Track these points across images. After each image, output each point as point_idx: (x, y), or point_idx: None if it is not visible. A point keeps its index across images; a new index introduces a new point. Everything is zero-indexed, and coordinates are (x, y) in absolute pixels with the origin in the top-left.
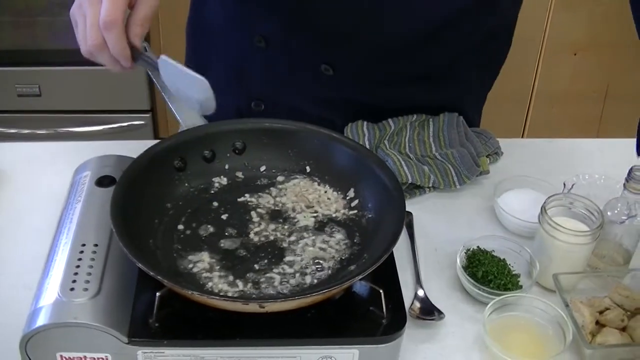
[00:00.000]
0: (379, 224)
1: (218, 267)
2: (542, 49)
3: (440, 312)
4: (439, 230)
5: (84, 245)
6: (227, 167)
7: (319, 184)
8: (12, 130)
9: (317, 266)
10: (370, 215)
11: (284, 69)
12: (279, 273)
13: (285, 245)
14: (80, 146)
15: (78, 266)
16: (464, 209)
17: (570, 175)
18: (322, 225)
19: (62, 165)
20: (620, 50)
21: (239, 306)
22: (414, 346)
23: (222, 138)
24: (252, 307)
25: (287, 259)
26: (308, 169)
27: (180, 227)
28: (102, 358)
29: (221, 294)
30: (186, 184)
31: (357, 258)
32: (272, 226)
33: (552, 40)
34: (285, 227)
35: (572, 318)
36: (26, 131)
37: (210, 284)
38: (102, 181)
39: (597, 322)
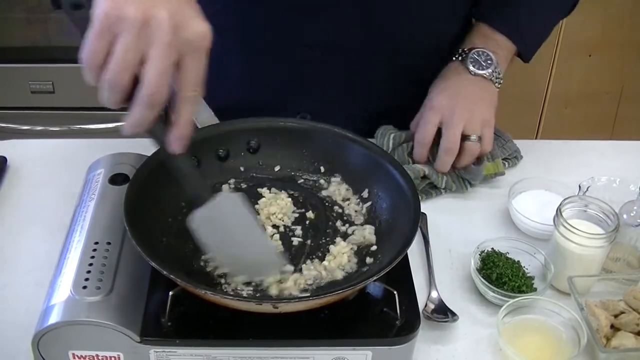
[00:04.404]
0: (394, 224)
1: None
2: (557, 50)
3: (453, 314)
4: (453, 232)
5: (96, 243)
6: (241, 167)
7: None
8: (26, 127)
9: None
10: (384, 216)
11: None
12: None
13: (299, 245)
14: (94, 143)
15: (91, 264)
16: (478, 211)
17: (584, 177)
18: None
19: (75, 163)
20: (634, 51)
21: (252, 306)
22: (427, 347)
23: (237, 137)
24: (266, 308)
25: (302, 259)
26: (322, 168)
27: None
28: (114, 357)
29: (234, 293)
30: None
31: (372, 259)
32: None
33: (567, 41)
34: (300, 227)
35: (587, 321)
36: (39, 128)
37: (223, 283)
38: (116, 179)
39: (612, 326)
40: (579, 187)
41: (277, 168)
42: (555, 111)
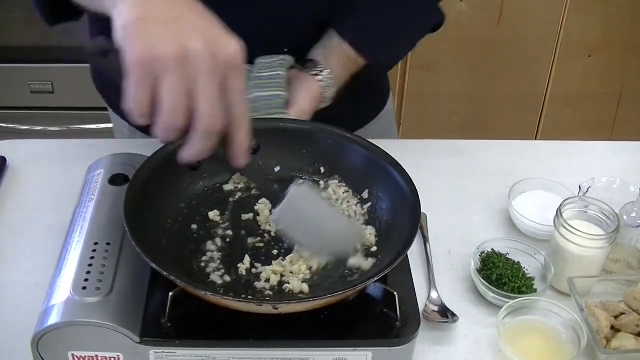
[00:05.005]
0: (394, 225)
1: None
2: (557, 50)
3: (454, 315)
4: (453, 232)
5: (96, 243)
6: None
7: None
8: (25, 127)
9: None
10: (384, 217)
11: None
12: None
13: (299, 246)
14: (94, 144)
15: (90, 265)
16: (478, 211)
17: (584, 178)
18: None
19: (75, 163)
20: (634, 52)
21: (252, 307)
22: (427, 348)
23: None
24: (266, 309)
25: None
26: (322, 169)
27: (194, 227)
28: (114, 357)
29: (234, 294)
30: (200, 184)
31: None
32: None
33: (567, 41)
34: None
35: (587, 322)
36: (39, 128)
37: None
38: (115, 179)
39: (612, 327)
40: (579, 188)
41: (277, 169)
42: (555, 112)
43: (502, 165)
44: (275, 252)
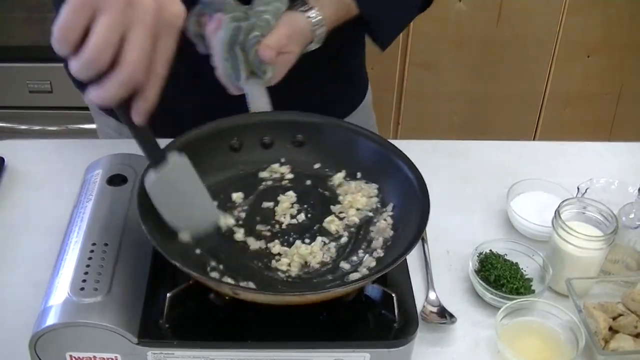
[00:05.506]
0: (399, 225)
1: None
2: (555, 51)
3: (451, 316)
4: (451, 233)
5: (94, 244)
6: (282, 158)
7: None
8: (23, 127)
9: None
10: (391, 213)
11: None
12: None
13: (309, 234)
14: (92, 144)
15: (88, 265)
16: (476, 212)
17: (583, 179)
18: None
19: (73, 163)
20: (633, 52)
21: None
22: (425, 349)
23: (283, 128)
24: (268, 298)
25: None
26: (359, 174)
27: (215, 202)
28: (111, 358)
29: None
30: (240, 167)
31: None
32: (298, 219)
33: (565, 42)
34: (303, 218)
35: (585, 323)
36: (37, 127)
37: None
38: (114, 179)
39: (610, 328)
40: (578, 189)
41: (316, 165)
42: (554, 112)
43: (500, 166)
44: (276, 244)
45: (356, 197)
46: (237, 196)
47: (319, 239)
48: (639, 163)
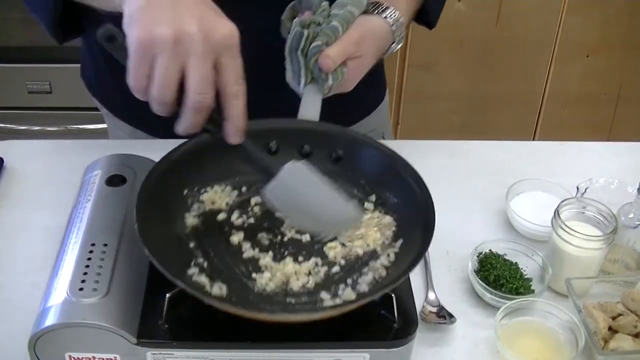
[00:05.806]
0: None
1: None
2: (554, 51)
3: (451, 316)
4: (451, 233)
5: (93, 245)
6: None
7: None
8: (23, 127)
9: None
10: (397, 250)
11: None
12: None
13: (305, 252)
14: (91, 144)
15: (87, 266)
16: (476, 212)
17: (582, 179)
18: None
19: (72, 163)
20: (632, 52)
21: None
22: (425, 350)
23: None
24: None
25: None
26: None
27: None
28: (111, 359)
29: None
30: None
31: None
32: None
33: (565, 42)
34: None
35: (585, 323)
36: (36, 128)
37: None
38: (113, 180)
39: (609, 328)
40: (577, 188)
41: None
42: (553, 112)
43: (500, 166)
44: (266, 256)
45: (369, 232)
46: (255, 200)
47: (313, 259)
48: (639, 163)
